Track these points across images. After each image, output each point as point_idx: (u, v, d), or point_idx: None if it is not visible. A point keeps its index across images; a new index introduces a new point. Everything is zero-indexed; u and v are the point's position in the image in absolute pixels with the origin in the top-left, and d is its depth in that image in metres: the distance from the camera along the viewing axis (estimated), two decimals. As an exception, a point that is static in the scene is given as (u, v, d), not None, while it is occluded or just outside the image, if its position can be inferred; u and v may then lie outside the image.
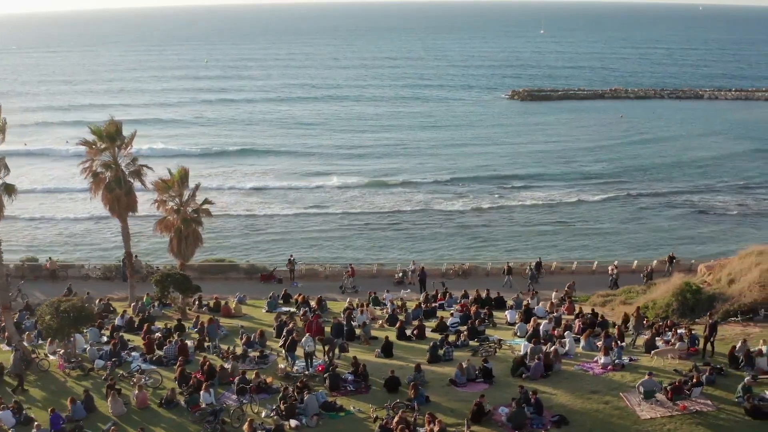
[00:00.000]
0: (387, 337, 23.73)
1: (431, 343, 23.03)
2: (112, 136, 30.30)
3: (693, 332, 23.22)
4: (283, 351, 22.81)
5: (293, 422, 18.96)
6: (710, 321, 22.25)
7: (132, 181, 31.14)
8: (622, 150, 77.71)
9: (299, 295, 31.40)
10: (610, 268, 35.93)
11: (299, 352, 22.72)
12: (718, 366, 21.03)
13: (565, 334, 23.33)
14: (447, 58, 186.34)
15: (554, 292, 32.30)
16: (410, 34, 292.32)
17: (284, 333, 23.33)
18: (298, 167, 70.11)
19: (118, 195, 30.42)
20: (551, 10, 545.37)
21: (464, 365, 20.78)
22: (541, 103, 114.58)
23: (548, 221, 53.35)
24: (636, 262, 39.63)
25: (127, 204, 30.90)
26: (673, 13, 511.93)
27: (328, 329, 24.81)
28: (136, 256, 36.85)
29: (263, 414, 19.66)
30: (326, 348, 22.62)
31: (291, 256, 37.73)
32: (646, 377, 19.29)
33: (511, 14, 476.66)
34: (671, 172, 68.14)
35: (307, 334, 22.72)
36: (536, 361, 20.74)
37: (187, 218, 30.81)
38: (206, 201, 31.92)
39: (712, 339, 21.81)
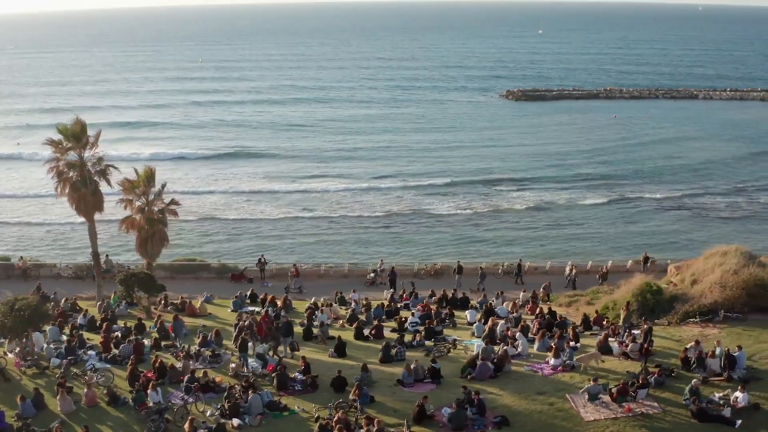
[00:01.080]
0: (339, 337, 23.65)
1: (383, 343, 22.94)
2: (77, 135, 30.27)
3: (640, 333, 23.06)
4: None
5: (236, 421, 18.90)
6: (645, 326, 21.90)
7: (99, 180, 31.12)
8: (614, 150, 77.59)
9: (265, 294, 31.35)
10: (567, 268, 35.67)
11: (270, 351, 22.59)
12: (669, 368, 20.91)
13: (518, 335, 23.20)
14: (442, 59, 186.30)
15: (522, 293, 32.24)
16: (407, 34, 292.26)
17: (235, 333, 23.28)
18: (290, 169, 69.50)
19: (84, 194, 30.38)
20: (551, 10, 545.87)
21: (412, 366, 20.70)
22: (535, 103, 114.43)
23: (537, 221, 53.29)
24: (610, 262, 39.46)
25: (93, 203, 30.86)
26: (674, 13, 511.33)
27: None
28: (107, 256, 36.86)
29: (208, 413, 19.61)
30: (271, 346, 22.55)
31: (262, 256, 37.67)
32: (591, 383, 19.15)
33: (510, 14, 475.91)
34: (662, 173, 68.08)
35: (257, 333, 22.67)
36: (481, 361, 20.62)
37: (152, 218, 30.77)
38: (173, 201, 31.89)
39: (646, 345, 21.42)
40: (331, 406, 19.08)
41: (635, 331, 24.11)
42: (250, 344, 22.83)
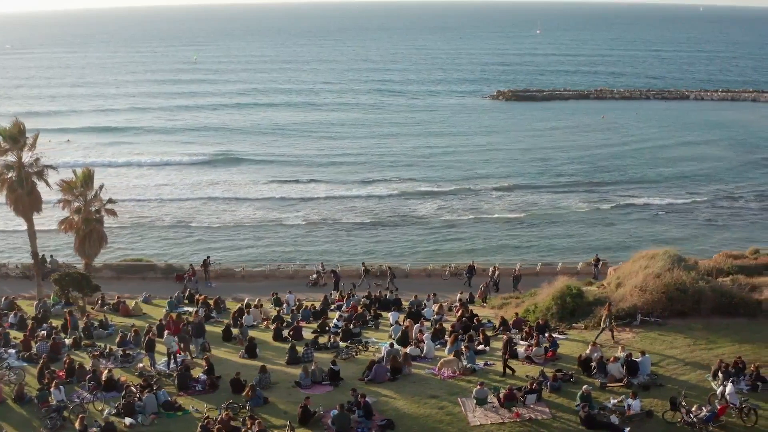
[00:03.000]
0: (251, 338, 23.80)
1: (289, 344, 23.07)
2: (14, 137, 30.56)
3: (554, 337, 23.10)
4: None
5: (128, 420, 19.06)
6: (505, 338, 21.70)
7: (37, 181, 31.37)
8: (598, 151, 77.65)
9: (200, 295, 31.52)
10: (490, 269, 35.62)
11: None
12: (569, 372, 20.89)
13: (424, 337, 23.26)
14: (435, 59, 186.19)
15: (459, 294, 32.29)
16: (404, 34, 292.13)
17: (143, 333, 23.47)
18: (274, 173, 68.74)
19: (20, 195, 30.67)
20: (551, 10, 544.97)
21: (309, 368, 20.81)
22: (525, 104, 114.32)
23: (515, 222, 53.31)
24: (560, 264, 39.50)
25: (30, 204, 31.12)
26: (674, 14, 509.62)
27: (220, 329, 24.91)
28: (51, 256, 37.11)
29: (105, 411, 19.79)
30: (182, 346, 22.72)
31: (207, 257, 37.83)
32: (477, 386, 19.19)
33: (509, 15, 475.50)
34: (645, 173, 68.06)
35: (166, 333, 22.83)
36: (377, 364, 20.71)
37: (89, 218, 30.98)
38: (110, 200, 32.09)
39: (506, 357, 21.14)
40: (223, 406, 19.23)
41: (556, 335, 24.23)
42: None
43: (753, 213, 56.43)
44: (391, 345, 22.34)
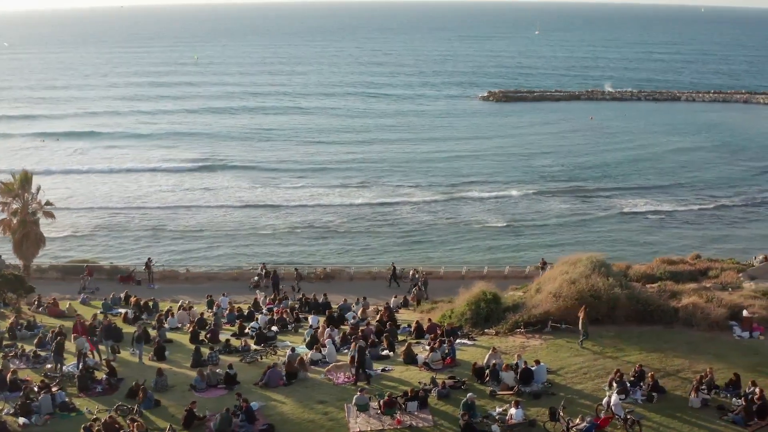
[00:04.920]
0: (158, 341, 24.18)
1: (194, 348, 23.45)
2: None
3: (452, 344, 23.33)
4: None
5: (22, 420, 19.48)
6: (356, 345, 21.68)
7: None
8: (583, 152, 77.89)
9: (134, 297, 31.90)
10: (411, 271, 35.72)
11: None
12: (462, 380, 21.04)
13: (326, 342, 23.57)
14: (429, 60, 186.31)
15: (393, 298, 32.60)
16: (401, 35, 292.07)
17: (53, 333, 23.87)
18: (255, 177, 68.35)
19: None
20: (550, 10, 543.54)
21: (205, 371, 21.17)
22: (515, 105, 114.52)
23: (493, 224, 53.60)
24: (507, 267, 39.75)
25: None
26: (676, 15, 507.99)
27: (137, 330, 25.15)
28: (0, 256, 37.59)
29: (4, 411, 20.21)
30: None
31: (149, 259, 38.22)
32: (358, 393, 19.46)
33: (510, 15, 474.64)
34: (627, 175, 68.25)
35: (74, 335, 23.22)
36: (271, 369, 21.05)
37: (25, 220, 31.41)
38: (48, 203, 32.52)
39: (357, 364, 21.18)
40: (113, 408, 19.62)
41: (465, 341, 24.49)
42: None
43: (735, 216, 56.47)
44: (293, 349, 22.66)
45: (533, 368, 21.27)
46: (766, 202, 59.85)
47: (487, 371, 21.17)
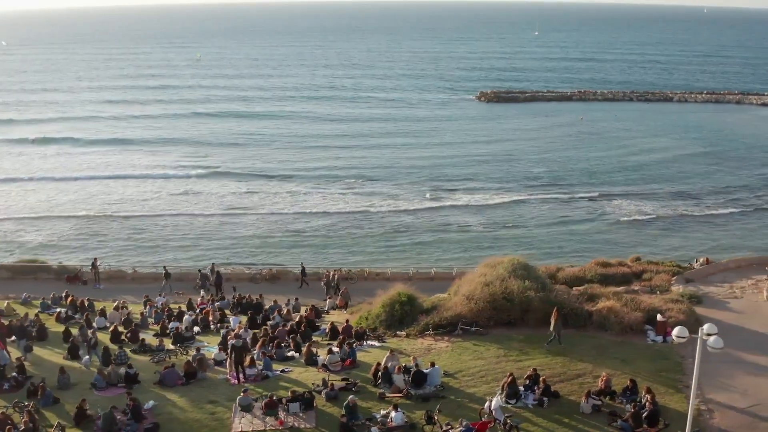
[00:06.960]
0: (72, 339, 24.87)
1: (103, 348, 24.12)
2: None
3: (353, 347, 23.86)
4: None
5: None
6: (232, 342, 22.14)
7: None
8: (570, 153, 78.14)
9: (71, 297, 32.56)
10: (332, 273, 35.79)
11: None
12: (353, 381, 21.48)
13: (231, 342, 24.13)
14: (423, 60, 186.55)
15: (328, 299, 33.14)
16: (398, 35, 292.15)
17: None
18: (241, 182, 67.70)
19: None
20: (551, 10, 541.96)
21: (106, 371, 21.82)
22: (506, 105, 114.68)
23: (472, 225, 53.81)
24: (455, 269, 40.03)
25: None
26: (677, 15, 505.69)
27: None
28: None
29: None
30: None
31: (95, 259, 38.87)
32: (242, 394, 20.00)
33: (509, 16, 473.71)
34: (612, 176, 68.48)
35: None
36: (167, 369, 21.67)
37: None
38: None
39: (241, 370, 21.60)
40: (9, 405, 20.32)
41: (374, 342, 25.00)
42: None
43: (719, 217, 56.48)
44: (197, 349, 23.28)
45: (427, 371, 21.70)
46: (754, 205, 59.60)
47: (379, 373, 21.60)
